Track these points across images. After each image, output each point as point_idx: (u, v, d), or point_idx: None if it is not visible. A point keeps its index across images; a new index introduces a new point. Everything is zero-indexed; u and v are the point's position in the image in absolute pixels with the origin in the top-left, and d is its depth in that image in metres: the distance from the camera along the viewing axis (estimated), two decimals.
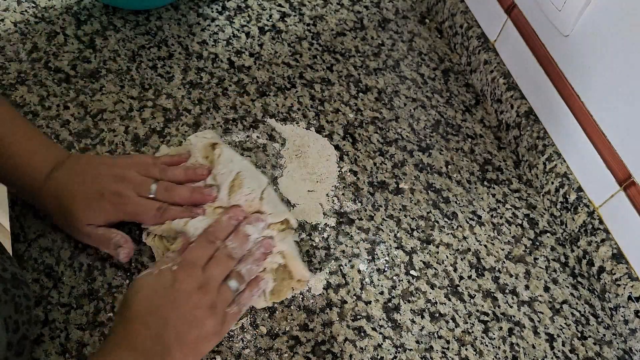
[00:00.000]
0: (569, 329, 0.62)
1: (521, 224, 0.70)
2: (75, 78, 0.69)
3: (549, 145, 0.71)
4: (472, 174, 0.73)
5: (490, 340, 0.60)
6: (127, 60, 0.72)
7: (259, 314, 0.57)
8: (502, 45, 0.78)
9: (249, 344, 0.55)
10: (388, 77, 0.80)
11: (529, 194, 0.73)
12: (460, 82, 0.82)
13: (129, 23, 0.76)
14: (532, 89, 0.74)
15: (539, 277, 0.66)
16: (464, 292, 0.63)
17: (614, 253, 0.63)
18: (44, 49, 0.71)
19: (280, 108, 0.73)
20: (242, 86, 0.74)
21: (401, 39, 0.85)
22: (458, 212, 0.69)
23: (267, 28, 0.81)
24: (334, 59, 0.80)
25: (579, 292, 0.66)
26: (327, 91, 0.76)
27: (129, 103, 0.69)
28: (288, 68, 0.77)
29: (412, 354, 0.57)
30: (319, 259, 0.62)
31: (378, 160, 0.71)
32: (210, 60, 0.75)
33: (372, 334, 0.58)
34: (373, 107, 0.76)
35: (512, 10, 0.75)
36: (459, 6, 0.84)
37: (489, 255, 0.66)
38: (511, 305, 0.63)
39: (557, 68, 0.69)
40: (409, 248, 0.64)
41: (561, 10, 0.65)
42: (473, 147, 0.75)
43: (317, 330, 0.57)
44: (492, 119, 0.79)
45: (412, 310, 0.60)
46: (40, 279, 0.55)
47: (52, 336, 0.52)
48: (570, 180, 0.68)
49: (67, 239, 0.57)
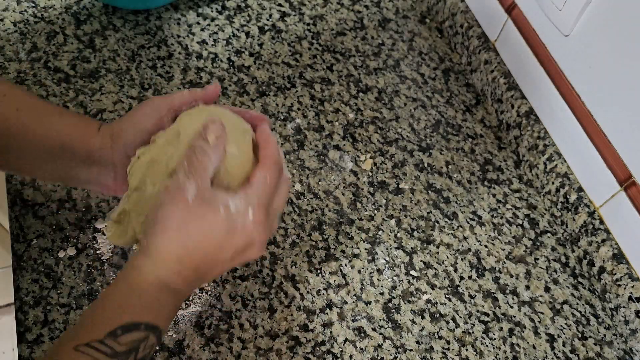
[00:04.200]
0: (569, 329, 0.62)
1: (522, 224, 0.70)
2: (74, 78, 0.69)
3: (549, 145, 0.71)
4: (473, 174, 0.73)
5: (490, 340, 0.60)
6: (127, 60, 0.72)
7: (258, 314, 0.57)
8: (503, 45, 0.78)
9: (248, 345, 0.55)
10: (388, 77, 0.80)
11: (529, 194, 0.73)
12: (460, 81, 0.82)
13: (128, 23, 0.76)
14: (532, 89, 0.74)
15: (539, 277, 0.66)
16: (465, 292, 0.63)
17: (614, 253, 0.63)
18: (43, 48, 0.71)
19: (280, 108, 0.72)
20: (241, 86, 0.74)
21: (401, 38, 0.85)
22: (458, 212, 0.69)
23: (267, 28, 0.81)
24: (334, 58, 0.80)
25: (580, 293, 0.65)
26: (327, 91, 0.76)
27: (128, 103, 0.68)
28: (288, 68, 0.77)
29: (413, 355, 0.57)
30: (319, 259, 0.61)
31: (378, 160, 0.71)
32: (210, 60, 0.75)
33: (372, 335, 0.58)
34: (373, 107, 0.76)
35: (513, 10, 0.75)
36: (459, 6, 0.84)
37: (489, 255, 0.66)
38: (512, 305, 0.63)
39: (557, 68, 0.69)
40: (409, 248, 0.64)
41: (561, 10, 0.65)
42: (473, 147, 0.75)
43: (317, 331, 0.57)
44: (493, 119, 0.79)
45: (412, 310, 0.60)
46: (40, 279, 0.55)
47: (52, 336, 0.52)
48: (571, 180, 0.68)
49: (67, 239, 0.57)
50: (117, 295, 0.41)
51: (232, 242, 0.43)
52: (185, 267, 0.42)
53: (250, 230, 0.43)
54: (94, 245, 0.58)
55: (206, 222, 0.42)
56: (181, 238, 0.42)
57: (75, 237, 0.57)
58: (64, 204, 0.59)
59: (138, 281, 0.41)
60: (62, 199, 0.60)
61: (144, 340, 0.39)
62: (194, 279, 0.43)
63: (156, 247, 0.41)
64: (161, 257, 0.41)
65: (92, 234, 0.58)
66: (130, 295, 0.41)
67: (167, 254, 0.41)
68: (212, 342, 0.54)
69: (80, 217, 0.59)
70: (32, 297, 0.54)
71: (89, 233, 0.58)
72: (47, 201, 0.59)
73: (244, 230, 0.43)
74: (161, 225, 0.42)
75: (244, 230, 0.43)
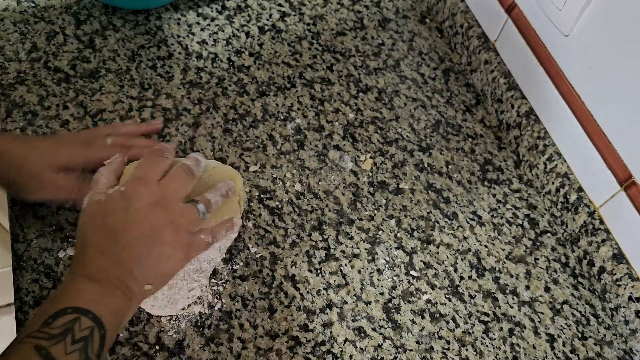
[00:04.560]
0: (569, 329, 0.62)
1: (522, 224, 0.70)
2: (74, 78, 0.69)
3: (549, 145, 0.71)
4: (473, 174, 0.73)
5: (490, 340, 0.60)
6: (127, 60, 0.72)
7: (258, 314, 0.57)
8: (503, 45, 0.78)
9: (249, 344, 0.55)
10: (388, 77, 0.80)
11: (529, 194, 0.73)
12: (460, 81, 0.82)
13: (128, 23, 0.76)
14: (532, 89, 0.74)
15: (539, 277, 0.66)
16: (465, 292, 0.63)
17: (614, 253, 0.63)
18: (43, 48, 0.71)
19: (280, 108, 0.72)
20: (242, 86, 0.74)
21: (401, 38, 0.85)
22: (458, 212, 0.69)
23: (267, 28, 0.81)
24: (334, 58, 0.80)
25: (580, 293, 0.65)
26: (327, 91, 0.76)
27: (128, 103, 0.68)
28: (288, 68, 0.77)
29: (413, 355, 0.57)
30: (319, 259, 0.61)
31: (378, 160, 0.71)
32: (210, 60, 0.75)
33: (373, 335, 0.58)
34: (373, 107, 0.76)
35: (513, 10, 0.75)
36: (459, 6, 0.84)
37: (489, 255, 0.66)
38: (512, 305, 0.63)
39: (557, 68, 0.69)
40: (409, 248, 0.64)
41: (561, 10, 0.65)
42: (473, 147, 0.75)
43: (317, 331, 0.57)
44: (493, 119, 0.79)
45: (412, 310, 0.60)
46: (40, 279, 0.55)
47: None
48: (571, 180, 0.68)
49: (67, 239, 0.57)
50: (50, 297, 0.46)
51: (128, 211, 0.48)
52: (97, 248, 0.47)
53: (141, 194, 0.49)
54: None
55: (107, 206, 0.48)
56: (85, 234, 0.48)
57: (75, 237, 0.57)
58: (64, 204, 0.59)
59: (63, 282, 0.47)
60: None
61: (76, 322, 0.42)
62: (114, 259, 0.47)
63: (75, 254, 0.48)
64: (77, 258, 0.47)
65: None
66: (56, 292, 0.46)
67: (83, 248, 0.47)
68: (212, 342, 0.54)
69: None
70: (32, 297, 0.54)
71: None
72: None
73: (134, 194, 0.49)
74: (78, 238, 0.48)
75: (135, 195, 0.49)
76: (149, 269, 0.48)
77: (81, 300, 0.44)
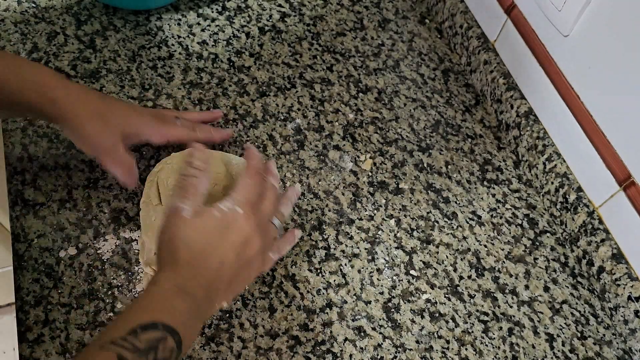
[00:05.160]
0: (568, 329, 0.62)
1: (521, 224, 0.70)
2: (75, 78, 0.69)
3: (548, 146, 0.71)
4: (472, 174, 0.73)
5: (490, 340, 0.60)
6: (127, 60, 0.73)
7: (259, 314, 0.57)
8: (502, 46, 0.78)
9: (249, 344, 0.55)
10: (388, 77, 0.80)
11: (528, 194, 0.73)
12: (460, 82, 0.82)
13: (129, 23, 0.76)
14: (531, 89, 0.74)
15: (538, 277, 0.66)
16: (464, 292, 0.63)
17: (613, 253, 0.63)
18: (44, 49, 0.71)
19: (280, 108, 0.73)
20: (242, 86, 0.74)
21: (401, 39, 0.85)
22: (458, 212, 0.69)
23: (267, 28, 0.81)
24: (334, 59, 0.80)
25: (579, 292, 0.66)
26: (327, 91, 0.76)
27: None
28: (288, 68, 0.77)
29: (412, 354, 0.57)
30: (319, 259, 0.62)
31: (378, 160, 0.71)
32: (210, 60, 0.75)
33: (372, 334, 0.58)
34: (373, 107, 0.76)
35: (512, 11, 0.75)
36: (458, 6, 0.84)
37: (488, 255, 0.66)
38: (511, 305, 0.63)
39: (556, 68, 0.69)
40: (409, 248, 0.65)
41: (561, 10, 0.65)
42: (473, 147, 0.75)
43: (317, 330, 0.57)
44: (492, 119, 0.79)
45: (412, 310, 0.60)
46: (40, 279, 0.55)
47: (52, 336, 0.52)
48: (570, 180, 0.68)
49: (67, 239, 0.57)
50: (138, 302, 0.44)
51: (229, 237, 0.47)
52: (195, 269, 0.46)
53: (242, 224, 0.48)
54: (95, 245, 0.58)
55: (205, 226, 0.48)
56: (187, 247, 0.46)
57: (76, 237, 0.58)
58: (65, 203, 0.60)
59: (156, 290, 0.44)
60: (63, 199, 0.60)
61: (162, 341, 0.41)
62: (207, 282, 0.46)
63: (169, 261, 0.46)
64: (173, 267, 0.46)
65: (92, 233, 0.58)
66: (150, 300, 0.44)
67: (178, 264, 0.46)
68: (213, 341, 0.54)
69: (81, 216, 0.59)
70: (32, 296, 0.54)
71: (89, 233, 0.58)
72: (48, 201, 0.59)
73: (236, 223, 0.48)
74: (169, 243, 0.47)
75: (236, 223, 0.48)
76: (233, 292, 0.49)
77: (174, 319, 0.42)
